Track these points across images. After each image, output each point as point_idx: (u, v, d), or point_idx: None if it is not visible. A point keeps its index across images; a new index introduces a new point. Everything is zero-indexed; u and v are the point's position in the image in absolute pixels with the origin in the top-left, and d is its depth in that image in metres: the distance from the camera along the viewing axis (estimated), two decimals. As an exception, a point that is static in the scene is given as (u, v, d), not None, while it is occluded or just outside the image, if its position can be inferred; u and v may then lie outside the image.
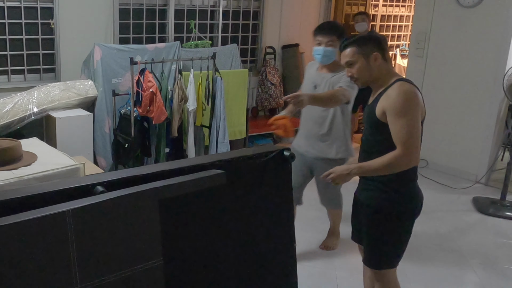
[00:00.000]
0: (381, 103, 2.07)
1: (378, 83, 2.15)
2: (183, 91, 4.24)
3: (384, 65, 2.13)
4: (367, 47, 2.12)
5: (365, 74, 2.14)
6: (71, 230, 1.44)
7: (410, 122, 1.99)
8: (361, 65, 2.13)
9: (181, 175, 1.75)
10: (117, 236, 1.55)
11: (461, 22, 4.86)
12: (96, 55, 4.29)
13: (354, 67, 2.14)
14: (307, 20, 6.20)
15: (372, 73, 2.13)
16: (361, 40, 2.15)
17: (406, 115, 1.98)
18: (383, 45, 2.15)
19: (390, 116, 2.02)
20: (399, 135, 1.99)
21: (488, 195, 4.48)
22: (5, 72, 4.43)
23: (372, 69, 2.12)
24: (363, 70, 2.13)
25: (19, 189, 1.66)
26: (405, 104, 1.99)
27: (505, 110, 4.64)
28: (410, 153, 2.00)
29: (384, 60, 2.13)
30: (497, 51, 4.62)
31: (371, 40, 2.15)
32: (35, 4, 4.39)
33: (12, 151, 2.66)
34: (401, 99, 1.99)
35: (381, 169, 2.06)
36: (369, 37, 2.17)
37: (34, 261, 1.38)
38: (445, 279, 3.11)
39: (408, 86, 2.03)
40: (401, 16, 7.69)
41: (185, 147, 4.53)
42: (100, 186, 1.64)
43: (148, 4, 4.98)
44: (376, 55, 2.11)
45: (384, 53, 2.14)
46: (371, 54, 2.11)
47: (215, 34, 5.55)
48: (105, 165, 4.36)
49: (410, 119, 1.99)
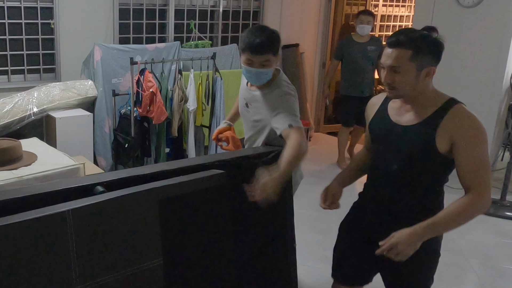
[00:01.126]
0: (445, 132, 1.64)
1: (419, 100, 1.71)
2: (183, 91, 4.24)
3: (430, 82, 1.72)
4: (425, 56, 1.63)
5: (408, 88, 1.68)
6: (71, 230, 1.44)
7: (486, 156, 1.66)
8: (410, 77, 1.65)
9: (181, 175, 1.75)
10: (117, 236, 1.55)
11: (461, 22, 4.86)
12: (96, 55, 4.29)
13: (399, 76, 1.65)
14: (307, 20, 6.20)
15: (417, 88, 1.68)
16: (421, 44, 1.63)
17: (484, 147, 1.65)
18: (441, 55, 1.69)
19: (464, 149, 1.63)
20: (478, 173, 1.64)
21: (488, 195, 4.48)
22: (5, 72, 4.43)
23: (419, 84, 1.67)
24: (408, 83, 1.66)
25: (19, 189, 1.66)
26: (482, 136, 1.64)
27: (505, 110, 4.64)
28: (489, 194, 1.66)
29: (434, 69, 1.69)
30: (497, 51, 4.62)
31: (434, 48, 1.65)
32: (35, 4, 4.39)
33: (12, 151, 2.66)
34: (479, 130, 1.63)
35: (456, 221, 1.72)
36: (433, 44, 1.65)
37: (34, 261, 1.38)
38: (445, 279, 3.11)
39: (472, 112, 1.69)
40: (401, 16, 7.69)
41: (185, 147, 4.53)
42: (100, 186, 1.64)
43: (148, 4, 4.98)
44: (431, 70, 1.66)
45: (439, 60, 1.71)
46: (426, 66, 1.65)
47: (215, 34, 5.56)
48: (105, 165, 4.36)
49: (487, 151, 1.66)
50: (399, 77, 1.65)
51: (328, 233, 3.56)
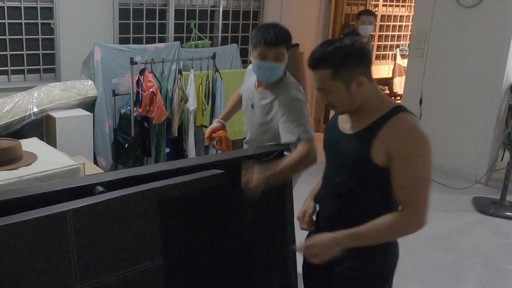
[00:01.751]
0: (382, 142, 1.49)
1: (363, 108, 1.56)
2: (183, 91, 4.24)
3: (371, 88, 1.55)
4: (347, 70, 1.49)
5: (345, 104, 1.54)
6: (71, 230, 1.44)
7: (425, 172, 1.47)
8: (341, 94, 1.52)
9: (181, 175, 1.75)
10: (117, 236, 1.55)
11: (461, 22, 4.86)
12: (96, 55, 4.29)
13: (330, 95, 1.54)
14: (307, 20, 6.20)
15: (355, 101, 1.54)
16: (338, 61, 1.48)
17: (423, 162, 1.47)
18: (368, 62, 1.56)
19: (399, 163, 1.47)
20: (411, 191, 1.47)
21: (488, 195, 4.48)
22: (5, 72, 4.43)
23: (355, 97, 1.53)
24: (342, 100, 1.53)
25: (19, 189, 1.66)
26: (421, 150, 1.47)
27: (505, 110, 4.64)
28: (423, 215, 1.50)
29: (369, 80, 1.54)
30: (497, 51, 4.62)
31: (353, 58, 1.50)
32: (35, 4, 4.39)
33: (12, 151, 2.66)
34: (417, 143, 1.47)
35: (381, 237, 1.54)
36: (350, 54, 1.49)
37: (34, 260, 1.38)
38: (445, 279, 3.11)
39: (418, 121, 1.52)
40: (401, 16, 7.69)
41: (185, 147, 4.53)
42: (100, 186, 1.64)
43: (148, 4, 4.98)
44: (361, 80, 1.50)
45: (369, 71, 1.55)
46: (353, 79, 1.49)
47: (215, 34, 5.55)
48: (105, 165, 4.36)
49: (427, 167, 1.48)
50: (331, 97, 1.53)
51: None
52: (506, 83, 4.62)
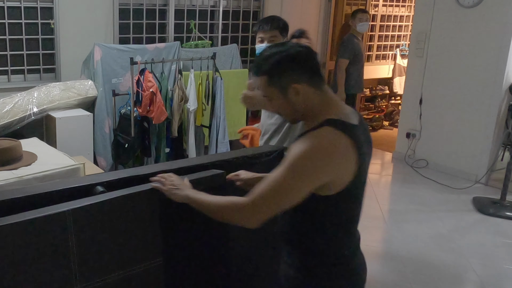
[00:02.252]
0: None
1: (307, 119, 1.45)
2: (183, 91, 4.24)
3: (312, 96, 1.40)
4: (281, 77, 1.39)
5: (288, 112, 1.45)
6: (71, 230, 1.44)
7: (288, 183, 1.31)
8: (280, 101, 1.43)
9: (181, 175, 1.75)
10: (117, 236, 1.55)
11: (461, 22, 4.86)
12: (96, 55, 4.29)
13: (272, 102, 1.46)
14: (307, 20, 6.20)
15: (298, 108, 1.42)
16: (271, 67, 1.40)
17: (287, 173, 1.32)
18: (306, 66, 1.41)
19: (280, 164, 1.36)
20: (261, 187, 1.34)
21: (488, 195, 4.48)
22: (5, 72, 4.43)
23: (296, 105, 1.41)
24: (284, 107, 1.44)
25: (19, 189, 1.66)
26: (298, 162, 1.31)
27: (505, 110, 4.64)
28: (257, 211, 1.34)
29: (312, 87, 1.40)
30: (497, 51, 4.62)
31: (287, 63, 1.39)
32: (35, 4, 4.39)
33: (12, 151, 2.66)
34: (298, 156, 1.31)
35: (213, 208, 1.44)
36: (283, 60, 1.39)
37: (34, 261, 1.38)
38: (445, 279, 3.11)
39: (331, 138, 1.33)
40: (401, 16, 7.68)
41: (185, 147, 4.53)
42: (100, 186, 1.64)
43: (148, 4, 4.98)
44: (297, 88, 1.38)
45: (312, 77, 1.41)
46: (288, 86, 1.39)
47: (215, 34, 5.55)
48: (105, 165, 4.36)
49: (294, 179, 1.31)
50: (274, 104, 1.45)
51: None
52: (506, 83, 4.62)
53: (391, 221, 3.94)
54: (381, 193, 4.65)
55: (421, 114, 5.27)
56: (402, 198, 4.47)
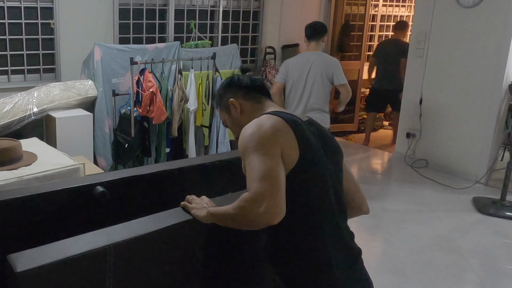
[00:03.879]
0: None
1: None
2: (183, 91, 4.24)
3: (250, 107, 1.61)
4: (221, 99, 1.69)
5: (236, 128, 1.64)
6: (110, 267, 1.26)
7: (264, 159, 1.32)
8: (230, 120, 1.67)
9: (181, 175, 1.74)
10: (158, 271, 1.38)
11: (461, 22, 4.86)
12: (96, 55, 4.29)
13: (229, 126, 1.70)
14: (307, 20, 6.15)
15: (242, 122, 1.55)
16: (217, 97, 1.73)
17: (257, 150, 1.34)
18: (240, 85, 1.65)
19: (242, 159, 1.40)
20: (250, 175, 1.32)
21: (488, 195, 4.48)
22: (5, 72, 4.43)
23: (240, 119, 1.61)
24: (232, 124, 1.67)
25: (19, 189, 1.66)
26: (252, 142, 1.36)
27: (505, 110, 4.64)
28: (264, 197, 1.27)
29: (248, 100, 1.62)
30: (497, 51, 4.62)
31: (223, 90, 1.69)
32: (35, 4, 4.39)
33: (12, 151, 2.66)
34: (247, 137, 1.38)
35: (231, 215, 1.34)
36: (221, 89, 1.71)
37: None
38: (445, 279, 3.11)
39: (266, 118, 1.42)
40: (401, 16, 7.68)
41: (185, 147, 4.53)
42: (100, 186, 1.64)
43: (148, 4, 4.98)
44: (232, 102, 1.63)
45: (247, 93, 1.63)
46: (227, 104, 1.65)
47: (215, 34, 5.55)
48: (105, 165, 4.36)
49: (263, 155, 1.33)
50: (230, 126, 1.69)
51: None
52: (506, 83, 4.61)
53: (391, 221, 3.94)
54: (381, 193, 4.65)
55: (421, 114, 5.27)
56: (402, 198, 4.47)
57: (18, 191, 1.56)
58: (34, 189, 1.59)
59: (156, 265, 1.35)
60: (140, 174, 1.73)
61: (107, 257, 1.23)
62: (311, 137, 1.44)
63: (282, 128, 1.39)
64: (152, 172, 1.75)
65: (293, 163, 1.37)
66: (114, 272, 1.25)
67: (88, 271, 1.21)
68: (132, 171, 1.80)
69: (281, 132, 1.38)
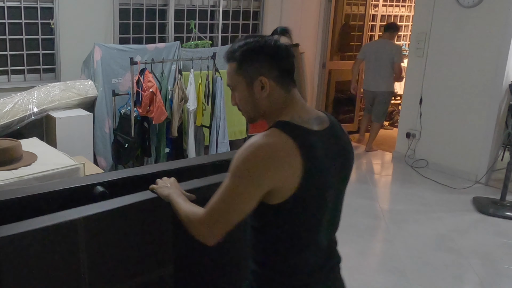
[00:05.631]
0: None
1: (268, 120, 1.37)
2: (183, 91, 4.24)
3: (277, 95, 1.33)
4: (250, 66, 1.31)
5: (249, 108, 1.37)
6: (82, 238, 1.39)
7: (233, 190, 1.24)
8: (243, 93, 1.35)
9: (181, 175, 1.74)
10: (128, 244, 1.51)
11: (461, 22, 4.86)
12: (96, 55, 4.29)
13: (235, 94, 1.39)
14: (307, 20, 6.20)
15: (260, 105, 1.34)
16: (243, 53, 1.33)
17: (233, 183, 1.24)
18: (279, 63, 1.32)
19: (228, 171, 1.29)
20: (212, 200, 1.27)
21: (488, 195, 4.48)
22: (5, 72, 4.43)
23: (258, 100, 1.34)
24: (245, 100, 1.36)
25: (19, 189, 1.66)
26: (242, 170, 1.24)
27: (505, 110, 4.64)
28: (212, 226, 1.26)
29: (279, 85, 1.32)
30: (497, 51, 4.62)
31: (259, 54, 1.32)
32: (35, 4, 4.39)
33: (12, 151, 2.66)
34: (241, 162, 1.24)
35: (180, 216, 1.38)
36: (257, 49, 1.32)
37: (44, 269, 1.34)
38: (445, 279, 3.11)
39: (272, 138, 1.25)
40: (401, 16, 7.68)
41: (185, 147, 4.53)
42: (100, 186, 1.64)
43: (148, 4, 4.98)
44: (263, 81, 1.31)
45: (281, 76, 1.32)
46: (255, 77, 1.31)
47: (215, 34, 5.55)
48: (105, 165, 4.36)
49: (238, 185, 1.23)
50: (237, 96, 1.38)
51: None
52: (506, 83, 4.61)
53: (391, 221, 3.94)
54: (381, 193, 4.65)
55: (421, 114, 5.27)
56: (402, 198, 4.47)
57: (18, 191, 1.56)
58: (34, 189, 1.59)
59: (124, 238, 1.47)
60: (140, 174, 1.74)
61: (78, 229, 1.35)
62: (322, 159, 1.28)
63: (284, 155, 1.22)
64: (152, 172, 1.75)
65: (290, 191, 1.24)
66: (86, 244, 1.37)
67: (61, 241, 1.33)
68: (132, 171, 1.80)
69: (280, 161, 1.21)
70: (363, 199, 4.40)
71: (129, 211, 1.50)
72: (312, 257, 1.34)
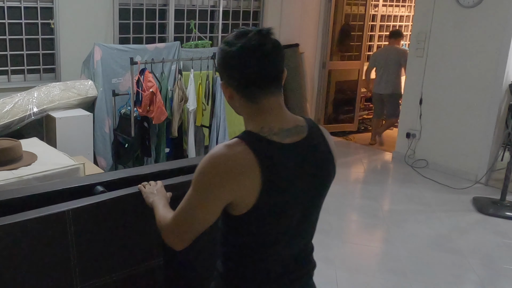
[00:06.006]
0: None
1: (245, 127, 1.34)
2: (183, 91, 4.25)
3: (243, 106, 1.28)
4: (223, 74, 1.28)
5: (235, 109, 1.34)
6: (71, 230, 1.43)
7: (193, 201, 1.24)
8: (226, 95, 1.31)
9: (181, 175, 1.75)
10: (117, 235, 1.55)
11: (461, 22, 4.86)
12: (96, 55, 4.29)
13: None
14: (307, 20, 6.20)
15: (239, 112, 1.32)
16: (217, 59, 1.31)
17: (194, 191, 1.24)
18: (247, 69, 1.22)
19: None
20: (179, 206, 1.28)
21: (488, 195, 4.48)
22: (5, 72, 4.44)
23: (235, 108, 1.33)
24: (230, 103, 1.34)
25: (19, 189, 1.66)
26: (200, 178, 1.23)
27: (505, 110, 4.64)
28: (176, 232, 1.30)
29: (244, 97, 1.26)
30: (497, 51, 4.61)
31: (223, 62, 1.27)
32: (35, 4, 4.39)
33: (12, 151, 2.66)
34: (199, 172, 1.23)
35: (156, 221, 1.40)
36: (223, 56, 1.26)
37: (34, 260, 1.38)
38: (445, 279, 3.11)
39: (232, 149, 1.21)
40: (401, 16, 7.69)
41: (185, 147, 4.53)
42: (100, 186, 1.64)
43: (148, 4, 4.98)
44: (230, 92, 1.28)
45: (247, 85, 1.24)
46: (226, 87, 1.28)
47: (215, 34, 5.56)
48: (105, 165, 4.36)
49: (197, 196, 1.23)
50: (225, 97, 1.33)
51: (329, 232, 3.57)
52: (506, 83, 4.61)
53: (391, 221, 3.94)
54: (381, 193, 4.65)
55: (421, 114, 5.27)
56: (402, 198, 4.47)
57: (18, 191, 1.57)
58: (34, 189, 1.60)
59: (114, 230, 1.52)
60: (140, 174, 1.74)
61: (67, 220, 1.40)
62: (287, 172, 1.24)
63: (243, 169, 1.18)
64: (152, 172, 1.76)
65: (250, 204, 1.21)
66: (75, 233, 1.42)
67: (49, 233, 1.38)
68: (132, 171, 1.81)
69: (239, 175, 1.18)
70: (363, 199, 4.40)
71: (118, 204, 1.53)
72: (274, 266, 1.32)
